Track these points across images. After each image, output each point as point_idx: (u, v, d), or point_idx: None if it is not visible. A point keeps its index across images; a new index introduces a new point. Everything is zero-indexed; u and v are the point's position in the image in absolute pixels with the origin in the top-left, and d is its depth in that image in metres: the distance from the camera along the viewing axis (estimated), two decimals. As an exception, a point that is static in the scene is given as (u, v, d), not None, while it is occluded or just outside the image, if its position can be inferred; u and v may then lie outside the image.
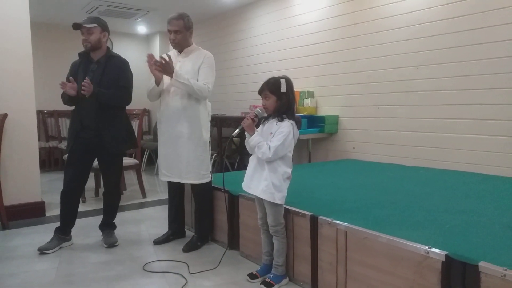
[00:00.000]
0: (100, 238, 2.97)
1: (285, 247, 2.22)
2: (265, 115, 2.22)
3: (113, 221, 3.01)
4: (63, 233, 2.84)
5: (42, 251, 2.71)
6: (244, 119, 2.19)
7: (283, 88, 2.13)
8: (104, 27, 2.80)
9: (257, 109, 2.23)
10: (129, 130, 2.94)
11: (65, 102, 2.83)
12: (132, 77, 2.91)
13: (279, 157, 2.11)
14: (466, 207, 2.24)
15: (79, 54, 2.86)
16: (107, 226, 2.98)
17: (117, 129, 2.81)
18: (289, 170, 2.17)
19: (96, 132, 2.75)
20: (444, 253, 1.55)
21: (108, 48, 2.87)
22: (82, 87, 2.61)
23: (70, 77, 2.70)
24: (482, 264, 1.44)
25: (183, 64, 2.75)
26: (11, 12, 3.49)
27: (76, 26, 2.71)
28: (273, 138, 2.10)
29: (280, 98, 2.14)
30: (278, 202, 2.12)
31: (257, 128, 2.23)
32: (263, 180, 2.13)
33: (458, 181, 2.96)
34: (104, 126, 2.75)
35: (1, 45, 3.46)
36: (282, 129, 2.10)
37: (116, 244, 2.87)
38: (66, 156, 2.90)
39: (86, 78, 2.65)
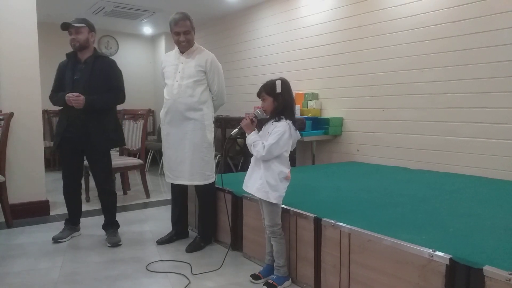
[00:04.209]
0: (104, 237, 2.98)
1: (284, 248, 2.21)
2: (265, 116, 2.23)
3: (116, 219, 3.03)
4: (73, 223, 3.04)
5: (56, 240, 2.90)
6: (243, 119, 2.21)
7: (279, 89, 2.15)
8: (91, 28, 2.86)
9: (257, 110, 2.24)
10: (117, 128, 2.98)
11: (55, 103, 2.89)
12: (122, 76, 2.95)
13: (275, 157, 2.12)
14: (471, 210, 2.23)
15: (67, 54, 2.90)
16: (110, 226, 3.00)
17: (105, 127, 2.85)
18: (286, 170, 2.16)
19: (84, 130, 2.78)
20: (448, 256, 1.54)
21: (95, 48, 2.91)
22: (69, 102, 2.67)
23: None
24: (486, 268, 1.43)
25: (185, 65, 2.75)
26: (18, 11, 3.51)
27: (65, 26, 2.76)
28: (268, 137, 2.12)
29: (276, 99, 2.16)
30: (274, 201, 2.12)
31: (259, 130, 2.24)
32: (259, 179, 2.15)
33: (462, 185, 2.94)
34: (92, 124, 2.79)
35: (9, 44, 3.49)
36: (277, 128, 2.12)
37: (120, 243, 2.88)
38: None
39: (73, 94, 2.68)
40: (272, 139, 2.09)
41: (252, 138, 2.16)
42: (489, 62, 3.20)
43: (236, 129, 2.28)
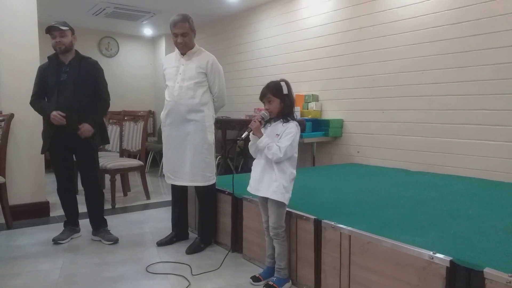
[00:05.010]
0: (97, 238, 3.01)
1: (286, 250, 2.21)
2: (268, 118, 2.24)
3: (103, 217, 3.07)
4: (72, 224, 3.06)
5: (56, 241, 2.90)
6: (251, 121, 2.20)
7: (285, 90, 2.17)
8: (73, 31, 2.91)
9: (263, 112, 2.24)
10: (102, 127, 3.03)
11: (37, 112, 2.90)
12: (104, 75, 3.01)
13: (287, 158, 2.13)
14: (471, 212, 2.23)
15: (49, 57, 2.91)
16: (100, 224, 3.03)
17: (97, 125, 2.93)
18: (295, 171, 2.20)
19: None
20: (448, 258, 1.54)
21: (76, 50, 2.93)
22: (79, 132, 2.77)
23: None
24: (487, 270, 1.43)
25: (186, 67, 2.75)
26: (19, 12, 3.52)
27: (49, 29, 2.78)
28: (281, 139, 2.12)
29: (283, 100, 2.18)
30: (286, 202, 2.15)
31: None
32: (273, 182, 2.14)
33: (463, 187, 2.94)
34: (87, 122, 2.83)
35: (8, 45, 3.50)
36: (290, 130, 2.13)
37: (118, 240, 2.94)
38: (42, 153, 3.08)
39: (80, 126, 2.77)
40: (286, 140, 2.10)
41: (265, 141, 2.15)
42: (489, 64, 3.21)
43: (246, 132, 2.27)
